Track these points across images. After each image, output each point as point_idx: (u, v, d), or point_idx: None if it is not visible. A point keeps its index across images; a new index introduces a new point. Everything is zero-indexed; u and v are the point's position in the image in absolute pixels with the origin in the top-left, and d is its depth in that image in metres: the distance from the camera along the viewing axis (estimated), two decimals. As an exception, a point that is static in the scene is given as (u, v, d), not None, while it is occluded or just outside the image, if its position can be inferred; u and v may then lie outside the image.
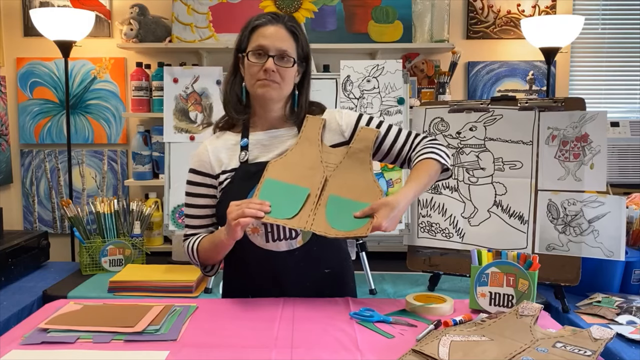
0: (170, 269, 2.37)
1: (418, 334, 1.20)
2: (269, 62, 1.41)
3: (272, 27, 1.43)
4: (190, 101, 2.41)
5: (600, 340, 1.11)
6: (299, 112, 1.50)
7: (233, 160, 1.49)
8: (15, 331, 1.26)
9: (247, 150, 1.48)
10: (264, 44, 1.42)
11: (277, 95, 1.45)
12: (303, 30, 1.50)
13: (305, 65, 1.51)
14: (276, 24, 1.44)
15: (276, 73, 1.42)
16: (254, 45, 1.43)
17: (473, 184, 2.23)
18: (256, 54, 1.43)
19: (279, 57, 1.42)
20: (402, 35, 2.98)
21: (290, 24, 1.46)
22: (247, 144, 1.49)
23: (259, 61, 1.42)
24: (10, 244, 2.37)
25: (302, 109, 1.51)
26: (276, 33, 1.43)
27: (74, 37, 2.82)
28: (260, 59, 1.42)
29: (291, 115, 1.50)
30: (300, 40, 1.46)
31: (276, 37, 1.43)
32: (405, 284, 2.39)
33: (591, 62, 3.31)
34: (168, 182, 2.37)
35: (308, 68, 1.52)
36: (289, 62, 1.43)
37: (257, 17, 1.47)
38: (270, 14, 1.46)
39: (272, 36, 1.42)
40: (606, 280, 2.16)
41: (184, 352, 1.14)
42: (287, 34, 1.44)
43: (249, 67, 1.44)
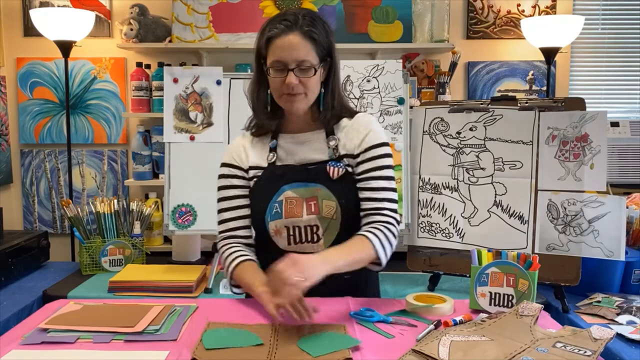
0: (170, 269, 2.37)
1: (418, 334, 1.20)
2: (291, 77, 1.37)
3: (287, 38, 1.36)
4: (190, 101, 2.41)
5: (600, 340, 1.11)
6: (325, 113, 1.46)
7: (261, 159, 1.50)
8: (15, 331, 1.26)
9: (276, 152, 1.49)
10: (282, 57, 1.37)
11: (304, 106, 1.43)
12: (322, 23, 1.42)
13: (330, 60, 1.44)
14: (291, 33, 1.37)
15: (299, 85, 1.38)
16: (272, 59, 1.38)
17: (473, 184, 2.23)
18: (276, 69, 1.39)
19: (299, 68, 1.37)
20: (402, 35, 2.98)
21: (307, 29, 1.37)
22: (275, 146, 1.50)
23: (279, 76, 1.38)
24: (10, 244, 2.37)
25: (328, 108, 1.46)
26: (292, 43, 1.36)
27: (74, 37, 2.82)
28: (280, 74, 1.38)
29: (319, 116, 1.47)
30: (319, 41, 1.39)
31: (293, 47, 1.36)
32: (405, 284, 2.39)
33: (591, 62, 3.31)
34: (168, 182, 2.37)
35: (333, 61, 1.45)
36: (310, 72, 1.38)
37: (270, 26, 1.39)
38: (285, 20, 1.38)
39: (289, 47, 1.36)
40: (606, 280, 2.16)
41: (184, 352, 1.14)
42: (304, 39, 1.37)
43: (272, 82, 1.41)
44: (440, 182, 2.29)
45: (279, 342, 1.16)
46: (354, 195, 1.46)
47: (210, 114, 2.41)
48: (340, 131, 1.49)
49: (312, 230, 1.43)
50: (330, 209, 1.42)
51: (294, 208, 1.42)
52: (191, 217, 2.35)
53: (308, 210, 1.42)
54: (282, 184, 1.44)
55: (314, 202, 1.43)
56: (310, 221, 1.42)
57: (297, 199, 1.43)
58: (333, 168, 1.44)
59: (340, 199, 1.43)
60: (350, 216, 1.45)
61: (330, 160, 1.46)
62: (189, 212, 2.35)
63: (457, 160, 2.27)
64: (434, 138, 2.32)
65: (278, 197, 1.44)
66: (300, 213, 1.42)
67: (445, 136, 2.30)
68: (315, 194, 1.43)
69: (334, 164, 1.45)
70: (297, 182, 1.44)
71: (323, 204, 1.42)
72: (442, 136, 2.30)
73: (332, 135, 1.48)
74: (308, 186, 1.44)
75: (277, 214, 1.43)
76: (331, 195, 1.43)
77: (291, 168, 1.47)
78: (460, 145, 2.27)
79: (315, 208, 1.42)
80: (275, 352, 1.12)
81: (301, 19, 1.38)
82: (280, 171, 1.46)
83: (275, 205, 1.43)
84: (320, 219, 1.42)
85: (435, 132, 2.32)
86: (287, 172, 1.46)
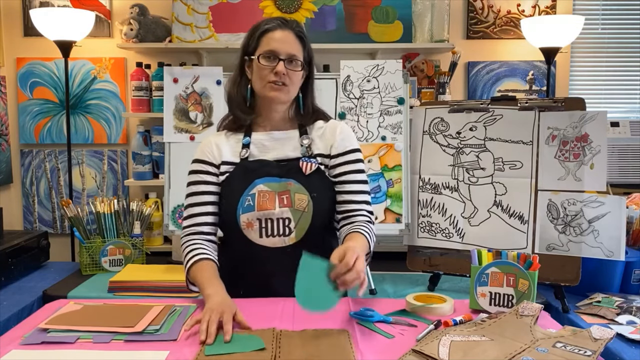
0: (170, 269, 2.37)
1: (418, 334, 1.20)
2: (280, 65, 1.47)
3: (282, 32, 1.49)
4: (190, 101, 2.41)
5: (600, 340, 1.11)
6: (305, 115, 1.57)
7: (234, 156, 1.55)
8: (15, 331, 1.26)
9: (248, 148, 1.54)
10: (275, 47, 1.48)
11: (286, 98, 1.52)
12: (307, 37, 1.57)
13: (308, 69, 1.56)
14: (285, 29, 1.50)
15: (286, 76, 1.48)
16: (265, 49, 1.49)
17: (473, 184, 2.23)
18: (267, 57, 1.48)
19: (289, 61, 1.48)
20: (402, 35, 2.98)
21: (298, 29, 1.52)
22: (249, 142, 1.55)
23: (269, 64, 1.48)
24: (10, 244, 2.37)
25: (308, 111, 1.57)
26: (286, 37, 1.49)
27: (74, 37, 2.82)
28: (271, 62, 1.48)
29: (296, 117, 1.57)
30: (306, 45, 1.53)
31: (286, 41, 1.49)
32: (405, 284, 2.39)
33: (591, 62, 3.31)
34: (168, 182, 2.37)
35: (311, 72, 1.58)
36: (297, 66, 1.50)
37: (266, 22, 1.52)
38: (279, 19, 1.52)
39: (283, 40, 1.48)
40: (606, 280, 2.16)
41: (184, 352, 1.14)
42: (296, 39, 1.50)
43: (259, 70, 1.49)
44: (440, 182, 2.29)
45: (281, 347, 1.15)
46: (325, 190, 1.52)
47: (210, 114, 2.41)
48: (314, 132, 1.58)
49: (284, 223, 1.47)
50: (302, 201, 1.47)
51: (266, 201, 1.47)
52: (191, 217, 2.35)
53: (280, 203, 1.47)
54: (254, 178, 1.48)
55: (286, 196, 1.47)
56: (283, 213, 1.47)
57: (270, 192, 1.47)
58: (306, 163, 1.50)
59: (312, 192, 1.48)
60: (321, 210, 1.50)
61: (303, 156, 1.53)
62: (189, 212, 2.35)
63: (457, 160, 2.27)
64: (434, 138, 2.32)
65: (250, 190, 1.48)
66: (273, 206, 1.47)
67: (445, 136, 2.30)
68: (288, 188, 1.48)
69: (306, 159, 1.51)
70: (270, 177, 1.49)
71: (295, 197, 1.47)
72: (442, 136, 2.30)
73: (305, 134, 1.56)
74: (280, 181, 1.49)
75: (249, 206, 1.47)
76: (303, 189, 1.48)
77: (264, 163, 1.52)
78: (460, 145, 2.27)
79: (288, 201, 1.47)
80: (279, 358, 1.11)
81: (295, 23, 1.53)
82: (253, 166, 1.51)
83: (247, 198, 1.47)
84: (292, 211, 1.47)
85: (435, 132, 2.32)
86: (260, 167, 1.51)
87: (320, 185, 1.51)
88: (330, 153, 1.55)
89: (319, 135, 1.57)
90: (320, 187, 1.51)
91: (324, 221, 1.54)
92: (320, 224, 1.52)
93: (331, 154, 1.55)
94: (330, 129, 1.58)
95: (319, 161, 1.53)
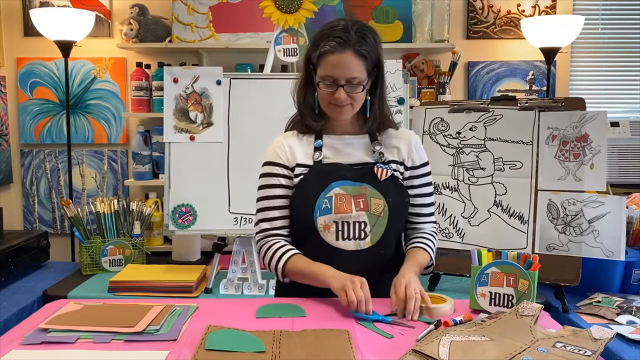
0: (170, 269, 2.37)
1: (418, 334, 1.20)
2: (340, 93, 1.42)
3: (339, 55, 1.40)
4: (190, 101, 2.41)
5: (600, 340, 1.11)
6: (372, 120, 1.51)
7: (307, 158, 1.52)
8: (15, 331, 1.26)
9: (321, 151, 1.52)
10: (334, 75, 1.41)
11: (349, 116, 1.49)
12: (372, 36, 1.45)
13: (376, 72, 1.48)
14: (344, 51, 1.40)
15: (347, 98, 1.43)
16: (324, 73, 1.43)
17: (473, 184, 2.23)
18: (326, 83, 1.43)
19: (349, 84, 1.42)
20: (402, 35, 2.98)
21: (359, 48, 1.41)
22: (321, 145, 1.52)
23: (329, 90, 1.43)
24: (10, 244, 2.37)
25: (375, 116, 1.51)
26: (344, 61, 1.40)
27: (74, 37, 2.82)
28: (330, 88, 1.43)
29: (364, 123, 1.52)
30: (369, 57, 1.43)
31: (345, 66, 1.41)
32: (405, 284, 2.38)
33: (591, 62, 3.31)
34: (168, 182, 2.37)
35: (380, 73, 1.50)
36: (359, 88, 1.43)
37: (324, 41, 1.41)
38: (339, 37, 1.40)
39: (342, 66, 1.40)
40: (606, 280, 2.16)
41: (184, 352, 1.14)
42: (356, 58, 1.41)
43: (320, 92, 1.46)
44: (440, 182, 2.29)
45: (281, 347, 1.15)
46: (398, 196, 1.50)
47: (210, 114, 2.41)
48: (386, 139, 1.55)
49: (360, 226, 1.46)
50: (378, 206, 1.47)
51: (343, 204, 1.46)
52: (191, 217, 2.35)
53: (357, 206, 1.46)
54: (330, 181, 1.47)
55: (362, 199, 1.46)
56: (359, 217, 1.46)
57: (346, 195, 1.47)
58: (381, 169, 1.49)
59: (388, 197, 1.47)
60: (396, 215, 1.49)
61: (377, 162, 1.51)
62: (189, 212, 2.35)
63: (457, 160, 2.27)
64: (434, 138, 2.32)
65: (327, 193, 1.46)
66: (350, 209, 1.46)
67: (445, 136, 2.30)
68: (363, 192, 1.47)
69: (381, 165, 1.50)
70: (345, 180, 1.48)
71: (371, 202, 1.47)
72: (442, 136, 2.30)
73: (376, 140, 1.53)
74: (355, 184, 1.48)
75: (326, 209, 1.46)
76: (378, 194, 1.47)
77: (340, 166, 1.50)
78: (460, 145, 2.27)
79: (364, 205, 1.46)
80: (279, 358, 1.10)
81: (354, 36, 1.41)
82: (329, 169, 1.49)
83: (324, 201, 1.46)
84: (368, 215, 1.46)
85: (435, 132, 2.32)
86: (336, 170, 1.49)
87: (395, 192, 1.50)
88: (406, 164, 1.54)
89: (391, 142, 1.54)
90: (395, 193, 1.49)
91: (398, 227, 1.54)
92: (395, 229, 1.52)
93: (407, 164, 1.54)
94: (404, 139, 1.55)
95: (393, 167, 1.51)
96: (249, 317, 1.33)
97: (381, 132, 1.54)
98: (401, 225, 1.57)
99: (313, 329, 1.24)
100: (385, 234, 1.48)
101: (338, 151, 1.52)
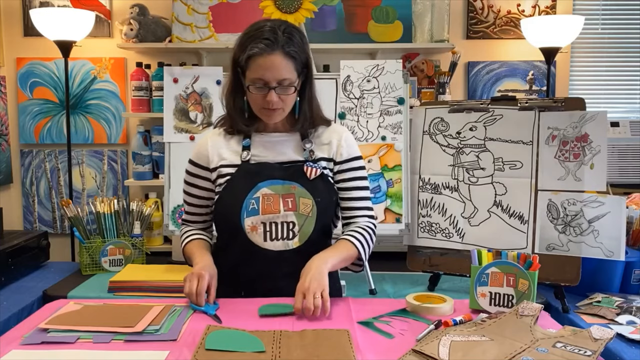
0: (170, 269, 2.37)
1: (418, 334, 1.20)
2: (272, 95, 1.41)
3: (268, 57, 1.38)
4: (190, 101, 2.41)
5: (600, 340, 1.11)
6: (302, 120, 1.51)
7: (234, 157, 1.52)
8: (15, 331, 1.26)
9: (249, 150, 1.51)
10: (264, 77, 1.40)
11: (281, 118, 1.49)
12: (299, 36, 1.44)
13: (305, 72, 1.48)
14: (272, 53, 1.38)
15: (279, 101, 1.43)
16: (254, 76, 1.41)
17: (473, 184, 2.23)
18: (256, 86, 1.41)
19: (280, 86, 1.41)
20: (402, 35, 2.98)
21: (287, 49, 1.40)
22: (249, 144, 1.52)
23: (260, 92, 1.42)
24: (10, 244, 2.37)
25: (305, 116, 1.51)
26: (274, 63, 1.39)
27: (74, 37, 2.82)
28: (261, 91, 1.42)
29: (295, 123, 1.52)
30: (298, 58, 1.43)
31: (274, 67, 1.39)
32: (405, 284, 2.39)
33: (591, 62, 3.31)
34: (168, 182, 2.37)
35: (309, 72, 1.49)
36: (290, 89, 1.43)
37: (252, 44, 1.39)
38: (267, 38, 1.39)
39: (272, 67, 1.39)
40: (606, 280, 2.16)
41: (184, 352, 1.14)
42: (285, 59, 1.40)
43: (250, 96, 1.45)
44: (440, 182, 2.29)
45: (281, 348, 1.15)
46: (328, 195, 1.51)
47: (210, 114, 2.41)
48: (317, 137, 1.55)
49: (289, 226, 1.46)
50: (306, 206, 1.46)
51: (271, 204, 1.45)
52: (191, 217, 2.35)
53: (285, 206, 1.46)
54: (258, 181, 1.46)
55: (290, 199, 1.46)
56: (287, 217, 1.46)
57: (274, 195, 1.46)
58: (311, 168, 1.49)
59: (316, 197, 1.47)
60: (324, 215, 1.50)
61: (307, 160, 1.50)
62: (189, 212, 2.35)
63: (457, 160, 2.27)
64: (434, 138, 2.32)
65: (254, 193, 1.46)
66: (278, 209, 1.46)
67: (445, 136, 2.30)
68: (292, 191, 1.47)
69: (311, 164, 1.49)
70: (273, 179, 1.47)
71: (300, 201, 1.46)
72: (442, 136, 2.30)
73: (306, 138, 1.53)
74: (284, 183, 1.47)
75: (253, 210, 1.45)
76: (307, 193, 1.47)
77: (267, 165, 1.49)
78: (460, 145, 2.27)
79: (292, 205, 1.46)
80: (279, 358, 1.10)
81: (281, 37, 1.39)
82: (256, 169, 1.49)
83: (251, 202, 1.45)
84: (297, 215, 1.46)
85: (435, 132, 2.32)
86: (263, 169, 1.48)
87: (324, 190, 1.50)
88: (335, 159, 1.54)
89: (321, 140, 1.55)
90: (324, 192, 1.49)
91: (326, 226, 1.54)
92: (323, 229, 1.52)
93: (335, 159, 1.54)
94: (333, 135, 1.55)
95: (323, 165, 1.52)
96: (249, 317, 1.33)
97: (312, 130, 1.54)
98: (328, 224, 1.56)
99: (313, 329, 1.24)
100: (313, 233, 1.48)
101: (267, 149, 1.52)
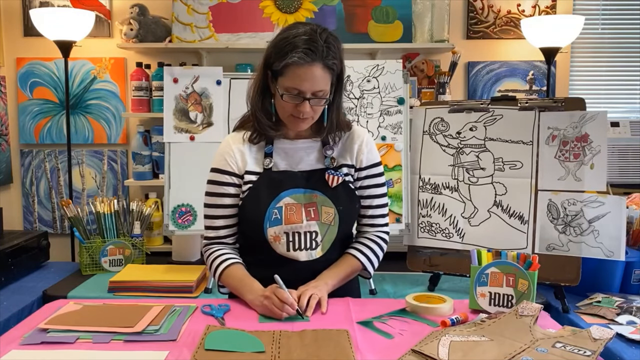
0: (170, 269, 2.37)
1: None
2: (305, 106, 1.37)
3: (310, 69, 1.34)
4: (190, 101, 2.41)
5: (600, 340, 1.11)
6: (329, 128, 1.47)
7: (257, 165, 1.48)
8: (15, 331, 1.26)
9: (272, 158, 1.48)
10: (301, 87, 1.35)
11: (307, 126, 1.45)
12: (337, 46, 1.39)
13: (337, 82, 1.43)
14: (313, 64, 1.34)
15: (310, 111, 1.39)
16: (290, 84, 1.36)
17: (473, 184, 2.23)
18: (291, 95, 1.37)
19: (315, 97, 1.38)
20: (402, 35, 2.98)
21: (327, 61, 1.35)
22: (271, 151, 1.48)
23: (294, 101, 1.37)
24: (10, 244, 2.37)
25: (332, 124, 1.47)
26: (314, 74, 1.35)
27: (74, 37, 2.82)
28: (295, 100, 1.37)
29: (320, 130, 1.48)
30: (335, 69, 1.39)
31: (314, 79, 1.35)
32: (405, 284, 2.39)
33: (591, 62, 3.31)
34: (168, 182, 2.37)
35: (340, 83, 1.44)
36: (322, 100, 1.39)
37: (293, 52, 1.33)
38: (308, 46, 1.33)
39: (310, 79, 1.35)
40: (606, 280, 2.16)
41: (183, 352, 1.14)
42: (324, 71, 1.36)
43: (280, 102, 1.40)
44: (440, 182, 2.29)
45: (281, 348, 1.15)
46: (350, 202, 1.48)
47: (210, 114, 2.41)
48: (338, 143, 1.51)
49: (311, 236, 1.44)
50: (328, 215, 1.44)
51: (293, 214, 1.43)
52: (191, 217, 2.35)
53: (307, 216, 1.44)
54: (280, 190, 1.44)
55: (313, 208, 1.44)
56: (310, 227, 1.44)
57: (296, 205, 1.44)
58: (332, 176, 1.46)
59: (338, 205, 1.45)
60: (346, 223, 1.48)
61: (328, 168, 1.48)
62: (189, 212, 2.35)
63: (457, 160, 2.27)
64: (434, 138, 2.32)
65: (277, 203, 1.43)
66: (300, 219, 1.43)
67: (445, 136, 2.30)
68: (314, 200, 1.44)
69: (332, 172, 1.47)
70: (296, 189, 1.44)
71: (322, 210, 1.44)
72: (442, 136, 2.30)
73: (327, 145, 1.50)
74: (306, 192, 1.45)
75: (276, 220, 1.43)
76: (329, 201, 1.45)
77: (290, 174, 1.47)
78: (460, 145, 2.27)
79: (315, 214, 1.44)
80: (279, 358, 1.10)
81: (321, 46, 1.34)
82: (279, 177, 1.46)
83: (274, 212, 1.43)
84: (319, 225, 1.44)
85: (435, 132, 2.32)
86: (286, 179, 1.45)
87: (346, 198, 1.47)
88: (356, 165, 1.51)
89: (344, 146, 1.51)
90: (346, 200, 1.47)
91: (348, 233, 1.54)
92: (345, 238, 1.52)
93: (356, 165, 1.51)
94: (354, 140, 1.51)
95: (344, 172, 1.49)
96: (249, 317, 1.33)
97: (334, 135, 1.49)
98: (350, 232, 1.56)
99: (313, 329, 1.24)
100: (335, 241, 1.46)
101: (290, 156, 1.48)
